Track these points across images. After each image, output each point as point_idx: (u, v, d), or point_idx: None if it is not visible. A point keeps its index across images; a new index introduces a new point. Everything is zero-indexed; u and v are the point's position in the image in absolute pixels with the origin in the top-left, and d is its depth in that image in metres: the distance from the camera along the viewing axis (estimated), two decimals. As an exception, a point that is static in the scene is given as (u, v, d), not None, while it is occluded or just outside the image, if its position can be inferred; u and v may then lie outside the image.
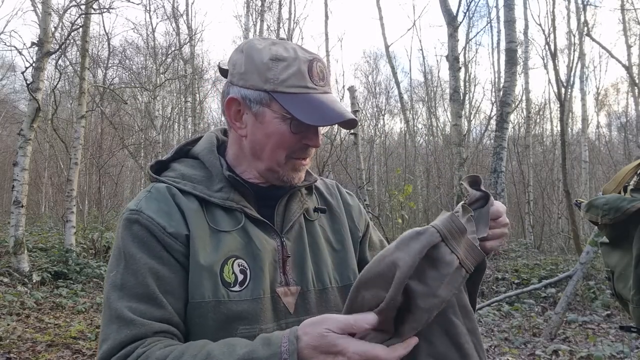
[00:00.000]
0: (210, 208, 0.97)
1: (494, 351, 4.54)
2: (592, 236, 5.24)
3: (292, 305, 0.96)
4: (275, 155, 0.98)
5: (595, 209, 1.81)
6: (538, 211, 14.00)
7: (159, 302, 0.88)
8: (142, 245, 0.91)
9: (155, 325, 0.87)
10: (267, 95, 0.96)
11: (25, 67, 7.31)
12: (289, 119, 0.95)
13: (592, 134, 20.63)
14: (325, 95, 0.98)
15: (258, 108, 0.97)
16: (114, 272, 0.91)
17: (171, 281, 0.90)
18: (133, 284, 0.88)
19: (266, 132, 0.98)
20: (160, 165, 1.06)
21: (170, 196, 0.96)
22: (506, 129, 10.43)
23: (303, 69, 0.96)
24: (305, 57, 0.98)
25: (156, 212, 0.93)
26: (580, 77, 15.86)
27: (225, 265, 0.92)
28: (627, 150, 15.80)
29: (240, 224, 0.97)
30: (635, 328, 1.78)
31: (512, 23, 10.23)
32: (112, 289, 0.89)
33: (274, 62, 0.96)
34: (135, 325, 0.86)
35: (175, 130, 22.01)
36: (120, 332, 0.85)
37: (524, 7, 16.59)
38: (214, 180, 1.00)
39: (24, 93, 16.53)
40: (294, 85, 0.95)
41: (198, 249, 0.91)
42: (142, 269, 0.89)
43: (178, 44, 18.32)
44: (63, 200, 10.86)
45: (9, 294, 5.82)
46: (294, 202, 1.06)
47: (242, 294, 0.92)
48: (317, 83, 0.97)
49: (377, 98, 24.69)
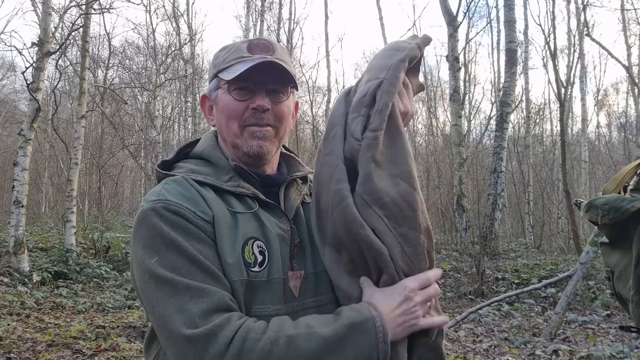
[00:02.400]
0: (223, 195, 0.99)
1: (494, 351, 4.54)
2: (592, 236, 5.24)
3: (296, 289, 0.98)
4: (230, 128, 1.04)
5: (595, 209, 1.82)
6: (538, 211, 13.99)
7: (216, 275, 0.87)
8: (178, 228, 0.88)
9: (227, 294, 0.85)
10: (216, 79, 1.06)
11: (26, 67, 7.32)
12: (229, 89, 1.03)
13: (592, 134, 20.66)
14: (260, 58, 1.01)
15: (215, 94, 1.08)
16: (156, 257, 0.86)
17: (215, 260, 0.89)
18: (184, 262, 0.85)
19: (220, 109, 1.06)
20: (165, 165, 1.08)
21: (189, 184, 0.97)
22: (506, 129, 10.45)
23: (241, 47, 1.04)
24: (247, 40, 1.07)
25: (181, 198, 0.93)
26: (580, 77, 15.87)
27: (246, 246, 0.93)
28: (627, 150, 15.80)
29: (253, 208, 0.99)
30: (635, 328, 1.79)
31: (512, 23, 10.24)
32: (161, 271, 0.84)
33: (221, 51, 1.08)
34: (211, 294, 0.82)
35: (175, 130, 22.03)
36: (198, 301, 0.81)
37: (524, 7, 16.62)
38: (221, 172, 1.03)
39: (24, 93, 16.52)
40: (231, 60, 1.03)
41: (223, 231, 0.92)
42: (188, 248, 0.86)
43: (178, 44, 18.33)
44: (63, 200, 10.86)
45: (9, 294, 5.82)
46: (292, 190, 1.09)
47: (260, 274, 0.93)
48: (254, 52, 1.03)
49: (377, 98, 24.64)
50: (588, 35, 10.45)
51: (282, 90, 1.05)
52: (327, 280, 1.01)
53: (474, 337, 5.08)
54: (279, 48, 1.05)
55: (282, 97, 1.05)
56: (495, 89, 17.89)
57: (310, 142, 15.35)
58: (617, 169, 10.32)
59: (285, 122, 1.06)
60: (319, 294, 1.00)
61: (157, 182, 1.04)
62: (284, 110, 1.05)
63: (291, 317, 0.94)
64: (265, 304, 0.92)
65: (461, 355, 4.30)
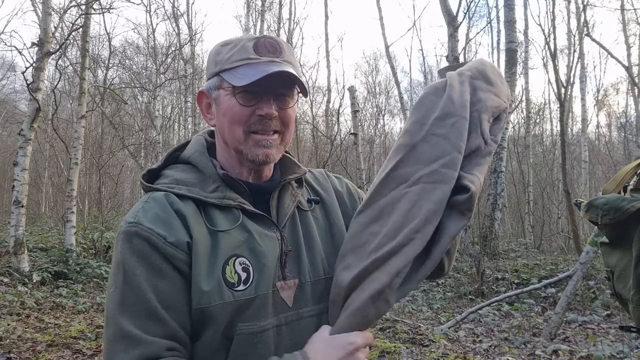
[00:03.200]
0: (207, 209, 0.96)
1: (494, 351, 4.54)
2: (592, 236, 5.24)
3: (290, 299, 0.96)
4: (234, 132, 0.98)
5: (595, 209, 1.82)
6: (538, 211, 13.99)
7: (161, 318, 0.86)
8: (142, 259, 0.89)
9: (163, 343, 0.86)
10: (218, 77, 1.00)
11: (26, 67, 7.32)
12: (234, 92, 0.97)
13: (592, 134, 20.65)
14: (269, 62, 0.96)
15: (216, 93, 1.01)
16: (114, 287, 0.89)
17: (172, 295, 0.88)
18: (134, 300, 0.87)
19: (223, 112, 0.99)
20: (152, 173, 1.05)
21: (168, 204, 0.94)
22: (506, 129, 10.46)
23: (247, 45, 0.98)
24: (252, 37, 1.00)
25: (155, 221, 0.91)
26: (580, 77, 15.88)
27: (226, 266, 0.91)
28: (627, 150, 15.80)
29: (238, 221, 0.96)
30: (635, 328, 1.79)
31: (512, 23, 10.25)
32: (113, 305, 0.88)
33: (223, 46, 1.01)
34: (144, 344, 0.84)
35: (175, 130, 22.03)
36: (128, 352, 0.84)
37: (524, 7, 16.61)
38: (208, 181, 1.00)
39: (24, 93, 16.54)
40: (237, 60, 0.97)
41: (200, 256, 0.90)
42: (142, 284, 0.87)
43: (178, 44, 18.33)
44: (63, 200, 10.86)
45: (9, 294, 5.82)
46: (285, 195, 1.05)
47: (247, 291, 0.91)
48: (262, 54, 0.97)
49: (377, 98, 24.74)
50: (588, 35, 10.44)
51: (289, 94, 1.00)
52: (328, 288, 0.98)
53: (474, 337, 5.08)
54: (286, 48, 1.00)
55: (289, 102, 1.01)
56: (495, 89, 17.83)
57: (310, 142, 15.35)
58: (617, 169, 10.32)
59: (291, 126, 1.02)
60: (317, 302, 0.98)
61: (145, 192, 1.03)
62: (290, 115, 1.01)
63: (286, 327, 0.94)
64: (250, 321, 0.90)
65: (461, 355, 4.30)
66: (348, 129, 14.67)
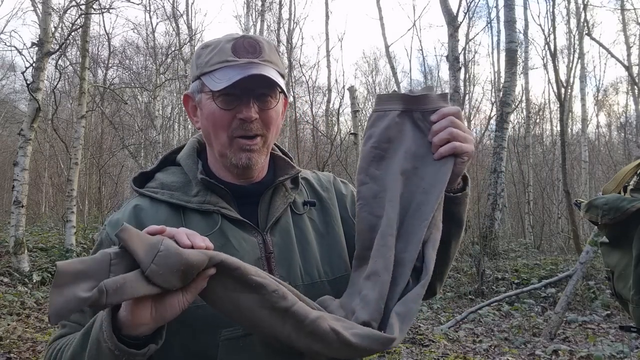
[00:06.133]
0: (188, 214, 0.97)
1: (494, 351, 4.54)
2: (592, 236, 5.24)
3: None
4: (218, 137, 0.98)
5: (595, 209, 1.82)
6: (538, 211, 13.99)
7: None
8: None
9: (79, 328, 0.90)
10: (199, 81, 0.99)
11: (26, 67, 7.32)
12: (213, 96, 0.96)
13: (592, 134, 20.64)
14: (247, 63, 0.94)
15: (199, 96, 1.01)
16: None
17: None
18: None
19: (206, 116, 0.99)
20: (144, 176, 1.06)
21: (133, 216, 0.98)
22: (506, 129, 10.45)
23: (225, 47, 0.96)
24: (231, 37, 0.98)
25: (115, 227, 0.95)
26: (580, 77, 15.88)
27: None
28: (627, 150, 15.80)
29: (217, 226, 0.96)
30: (635, 328, 1.79)
31: (512, 23, 10.24)
32: None
33: (203, 49, 1.00)
34: (65, 327, 0.96)
35: (175, 130, 22.02)
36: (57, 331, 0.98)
37: (524, 7, 16.58)
38: (191, 184, 1.01)
39: (24, 93, 16.54)
40: (215, 62, 0.96)
41: None
42: None
43: (178, 44, 18.31)
44: (63, 200, 10.86)
45: (9, 294, 5.82)
46: (277, 197, 1.04)
47: None
48: (240, 55, 0.95)
49: (377, 98, 24.64)
50: (588, 35, 10.45)
51: (271, 94, 0.98)
52: (328, 291, 0.97)
53: (474, 337, 5.08)
54: (266, 46, 0.98)
55: (271, 102, 0.98)
56: (495, 89, 17.89)
57: (310, 142, 15.35)
58: (617, 169, 10.32)
59: (274, 127, 1.01)
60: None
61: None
62: (272, 116, 0.99)
63: None
64: (232, 326, 0.89)
65: (461, 355, 4.30)
66: (348, 129, 14.69)
